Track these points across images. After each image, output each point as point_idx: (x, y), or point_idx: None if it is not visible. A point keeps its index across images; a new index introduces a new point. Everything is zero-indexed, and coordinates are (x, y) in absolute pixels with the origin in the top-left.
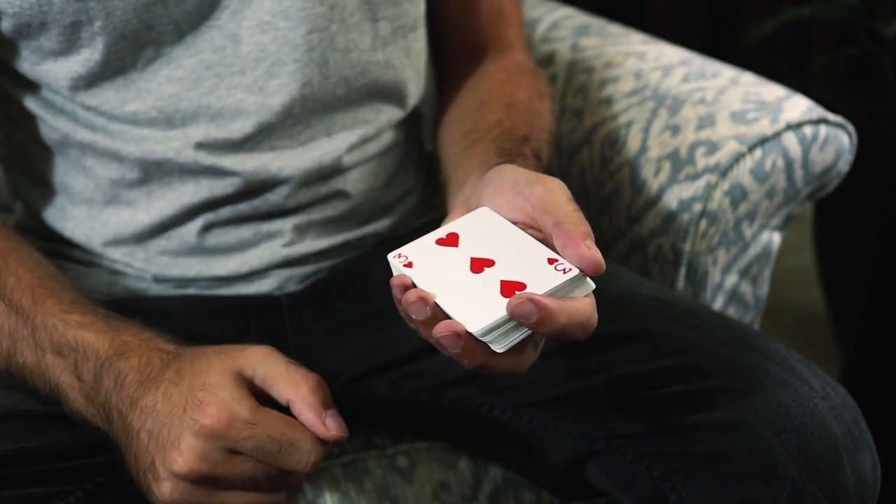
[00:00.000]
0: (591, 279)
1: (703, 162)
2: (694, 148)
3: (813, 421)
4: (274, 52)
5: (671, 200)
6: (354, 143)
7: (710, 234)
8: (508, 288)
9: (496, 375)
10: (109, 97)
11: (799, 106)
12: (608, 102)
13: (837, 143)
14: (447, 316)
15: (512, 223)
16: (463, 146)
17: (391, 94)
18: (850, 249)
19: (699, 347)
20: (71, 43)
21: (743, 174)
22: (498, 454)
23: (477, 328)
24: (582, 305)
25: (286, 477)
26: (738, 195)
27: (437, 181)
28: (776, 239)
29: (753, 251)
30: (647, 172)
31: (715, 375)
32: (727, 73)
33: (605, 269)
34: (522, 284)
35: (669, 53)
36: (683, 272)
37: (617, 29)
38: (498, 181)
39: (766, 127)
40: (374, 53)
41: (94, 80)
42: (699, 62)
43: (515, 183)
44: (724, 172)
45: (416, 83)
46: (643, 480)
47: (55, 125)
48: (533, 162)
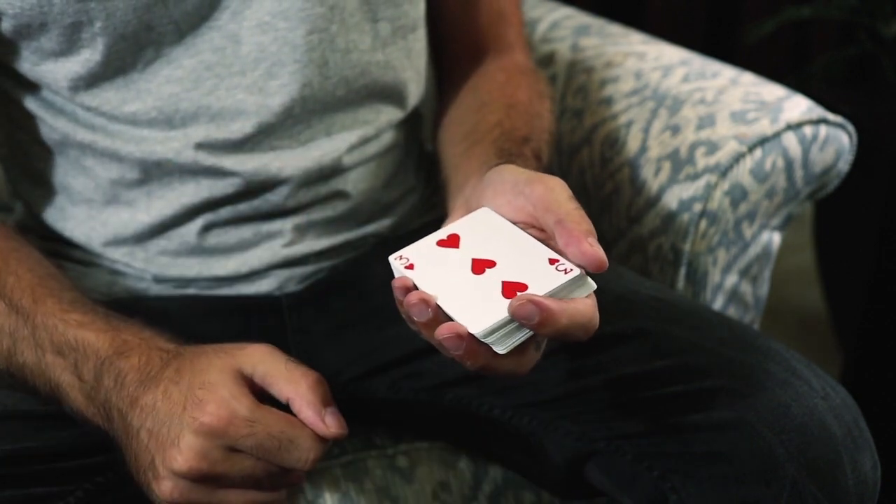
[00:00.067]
0: (592, 280)
1: (703, 162)
2: (694, 148)
3: (813, 421)
4: (274, 52)
5: (671, 200)
6: (354, 143)
7: (710, 234)
8: (510, 289)
9: (498, 377)
10: (109, 97)
11: (799, 106)
12: (608, 102)
13: (837, 143)
14: (449, 317)
15: (513, 223)
16: (463, 147)
17: (391, 94)
18: (850, 249)
19: (699, 347)
20: (71, 43)
21: (743, 174)
22: (498, 454)
23: (479, 329)
24: (583, 306)
25: (286, 475)
26: (738, 195)
27: (437, 181)
28: (776, 239)
29: (753, 251)
30: (647, 172)
31: (715, 375)
32: (727, 73)
33: (607, 266)
34: (524, 285)
35: (669, 53)
36: (683, 272)
37: (617, 29)
38: (498, 181)
39: (766, 127)
40: (374, 54)
41: (94, 80)
42: (699, 62)
43: (516, 183)
44: (724, 172)
45: (416, 84)
46: (643, 480)
47: (55, 125)
48: (533, 162)
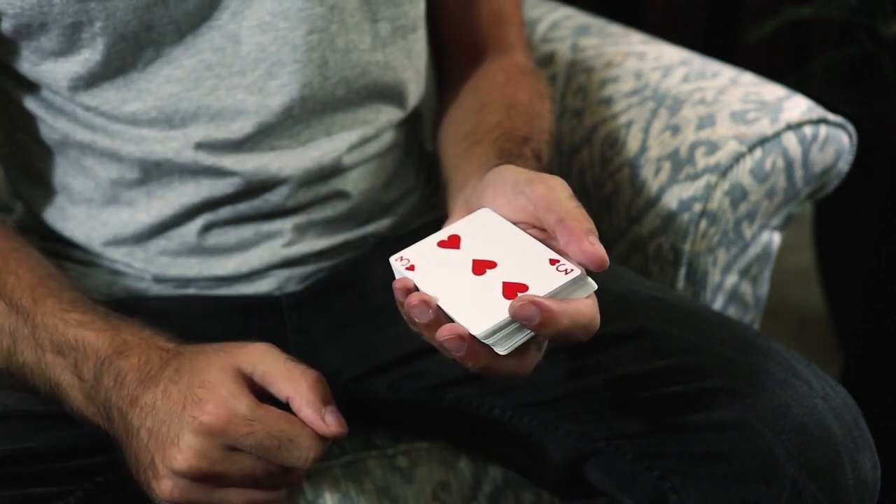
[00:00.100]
0: (593, 280)
1: (703, 162)
2: (694, 148)
3: (813, 421)
4: (274, 52)
5: (671, 200)
6: (354, 143)
7: (710, 234)
8: (510, 289)
9: (500, 378)
10: (109, 97)
11: (799, 106)
12: (608, 102)
13: (837, 143)
14: (450, 318)
15: (513, 224)
16: (463, 148)
17: (391, 94)
18: (850, 249)
19: (699, 347)
20: (71, 43)
21: (743, 174)
22: (498, 454)
23: (480, 331)
24: (584, 307)
25: (286, 474)
26: (738, 195)
27: (437, 181)
28: (776, 239)
29: (753, 251)
30: (647, 172)
31: (715, 375)
32: (727, 73)
33: (608, 264)
34: (524, 286)
35: (669, 53)
36: (683, 272)
37: (617, 29)
38: (498, 182)
39: (766, 127)
40: (373, 54)
41: (94, 80)
42: (699, 62)
43: (516, 183)
44: (724, 172)
45: (416, 84)
46: (643, 480)
47: (55, 125)
48: (533, 163)
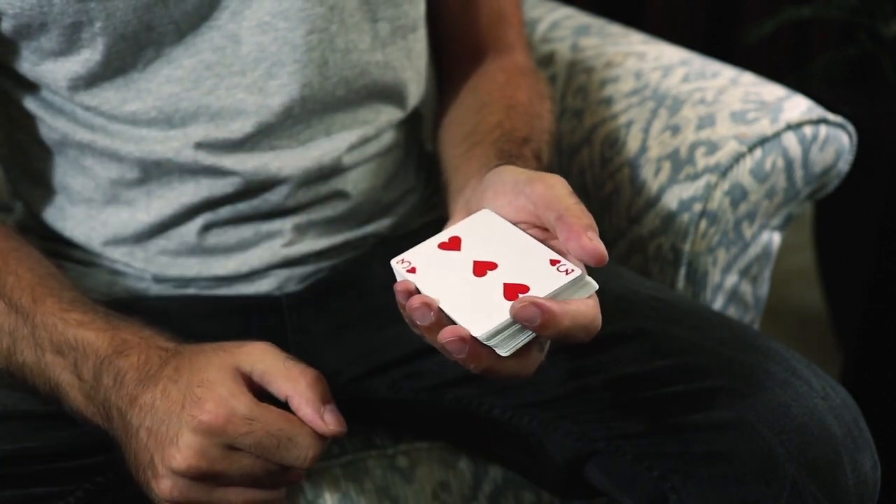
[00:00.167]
0: (594, 280)
1: (703, 162)
2: (694, 148)
3: (813, 421)
4: (274, 52)
5: (671, 200)
6: (354, 143)
7: (710, 234)
8: (511, 291)
9: (502, 379)
10: (109, 97)
11: (799, 106)
12: (608, 102)
13: (837, 143)
14: (451, 320)
15: (514, 224)
16: (463, 149)
17: (391, 94)
18: (850, 249)
19: (699, 347)
20: (71, 43)
21: (743, 174)
22: (498, 454)
23: (481, 332)
24: (585, 308)
25: (285, 473)
26: (738, 195)
27: (437, 181)
28: (776, 239)
29: (753, 251)
30: (647, 172)
31: (715, 375)
32: (727, 73)
33: (608, 260)
34: (525, 287)
35: (669, 53)
36: (683, 272)
37: (617, 29)
38: (498, 182)
39: (766, 127)
40: (373, 54)
41: (93, 80)
42: (699, 62)
43: (516, 183)
44: (724, 172)
45: (416, 84)
46: (643, 480)
47: (54, 125)
48: (533, 163)
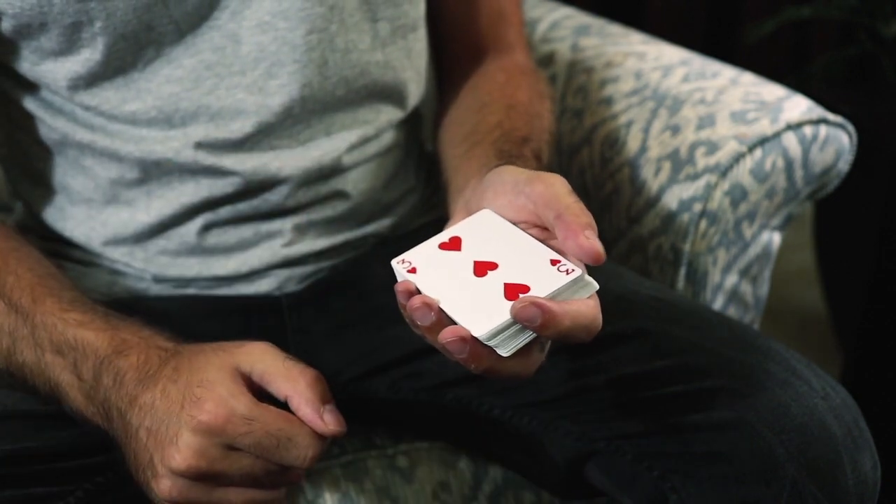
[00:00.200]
0: (594, 280)
1: (703, 162)
2: (694, 148)
3: (813, 421)
4: (273, 52)
5: (671, 200)
6: (354, 143)
7: (710, 234)
8: (512, 291)
9: (503, 379)
10: (109, 97)
11: (799, 106)
12: (608, 102)
13: (837, 143)
14: (452, 321)
15: (514, 224)
16: (463, 149)
17: (391, 94)
18: (850, 249)
19: (699, 347)
20: (71, 43)
21: (743, 174)
22: (498, 454)
23: (482, 332)
24: (586, 308)
25: (285, 473)
26: (738, 195)
27: (437, 181)
28: (776, 239)
29: (753, 251)
30: (647, 172)
31: (715, 375)
32: (727, 73)
33: (605, 259)
34: (526, 287)
35: (669, 53)
36: (683, 272)
37: (617, 29)
38: (498, 182)
39: (766, 127)
40: (373, 54)
41: (93, 80)
42: (699, 62)
43: (516, 183)
44: (724, 172)
45: (416, 84)
46: (643, 480)
47: (54, 125)
48: (533, 163)
